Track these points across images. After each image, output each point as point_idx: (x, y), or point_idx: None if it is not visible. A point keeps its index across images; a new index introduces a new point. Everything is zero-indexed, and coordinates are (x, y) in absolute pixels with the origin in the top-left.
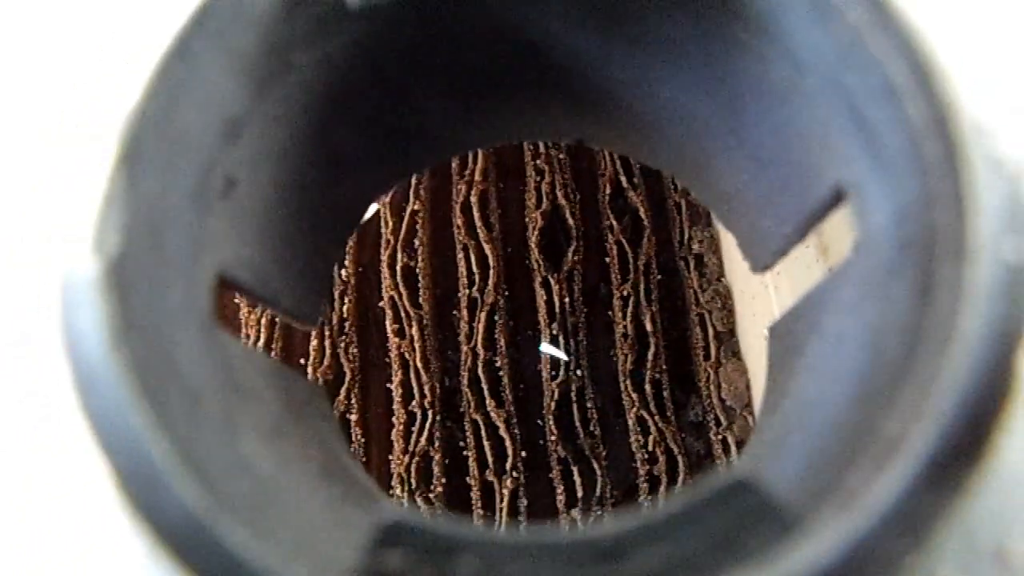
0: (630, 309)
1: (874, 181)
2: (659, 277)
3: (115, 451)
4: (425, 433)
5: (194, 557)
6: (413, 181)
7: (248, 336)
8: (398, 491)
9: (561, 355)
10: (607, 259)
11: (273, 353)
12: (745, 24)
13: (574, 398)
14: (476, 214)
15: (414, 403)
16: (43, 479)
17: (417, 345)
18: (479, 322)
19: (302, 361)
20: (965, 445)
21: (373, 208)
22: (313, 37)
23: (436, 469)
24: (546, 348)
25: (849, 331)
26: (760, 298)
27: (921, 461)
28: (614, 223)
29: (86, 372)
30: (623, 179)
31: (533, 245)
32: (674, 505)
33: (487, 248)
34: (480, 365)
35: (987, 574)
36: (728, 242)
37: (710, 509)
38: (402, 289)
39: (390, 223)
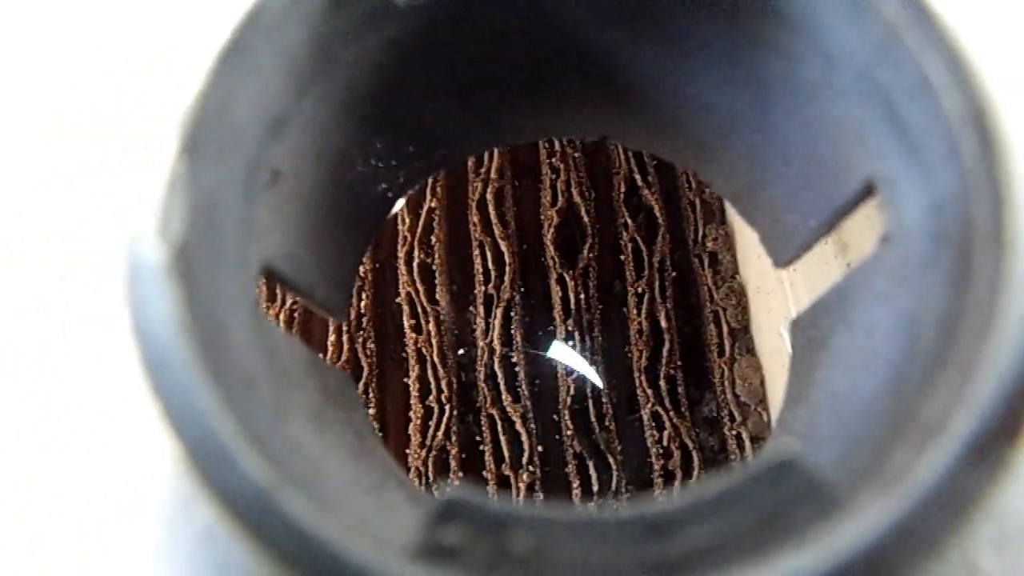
0: (645, 306)
1: (908, 175)
2: (673, 274)
3: (184, 429)
4: (442, 428)
5: (262, 529)
6: (430, 179)
7: None
8: (415, 484)
9: (584, 368)
10: (622, 256)
11: None
12: (778, 22)
13: (589, 394)
14: (492, 211)
15: (431, 398)
16: (43, 479)
17: (434, 341)
18: (495, 318)
19: (320, 356)
20: (1005, 427)
21: (399, 204)
22: (356, 33)
23: (453, 463)
24: (563, 356)
25: (880, 321)
26: (775, 295)
27: (963, 442)
28: (629, 221)
29: (156, 354)
30: (638, 177)
31: (548, 242)
32: (721, 484)
33: (503, 245)
34: (496, 361)
35: (1019, 555)
36: (742, 239)
37: (756, 488)
38: (419, 285)
39: (407, 220)
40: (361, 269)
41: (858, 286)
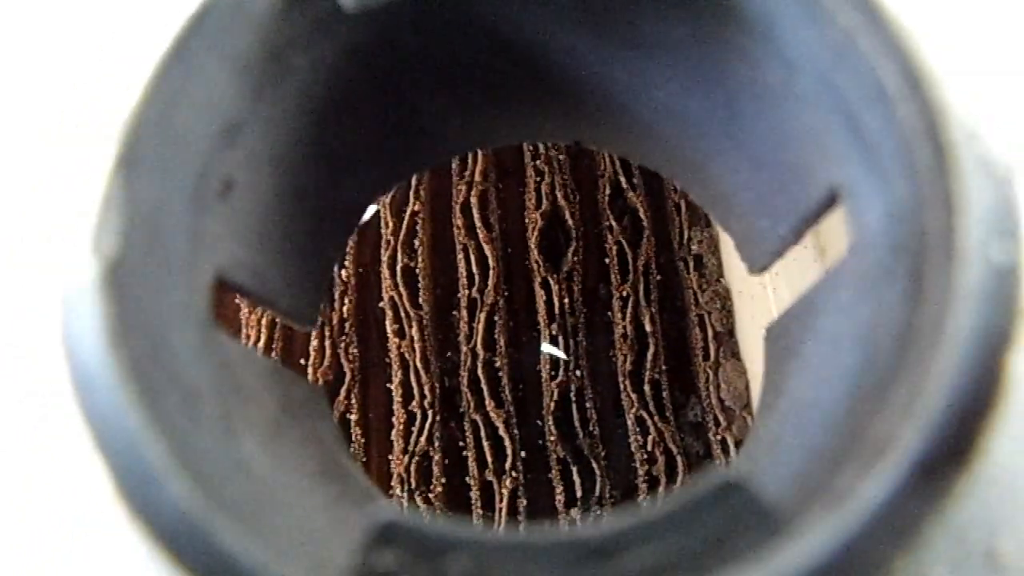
0: (629, 310)
1: (866, 183)
2: (658, 278)
3: (112, 452)
4: (425, 433)
5: (189, 557)
6: (413, 182)
7: (248, 336)
8: (398, 491)
9: (560, 354)
10: (607, 260)
11: (273, 353)
12: (739, 27)
13: (573, 398)
14: (476, 215)
15: (414, 403)
16: (43, 479)
17: (417, 345)
18: (479, 322)
19: (302, 361)
20: (953, 446)
21: (373, 209)
22: (310, 39)
23: (436, 469)
24: (545, 347)
25: (844, 332)
26: (759, 299)
27: (909, 462)
28: (614, 224)
29: (84, 373)
30: (623, 180)
31: (533, 246)
32: (665, 505)
33: (487, 249)
34: (480, 365)
35: (978, 575)
36: (727, 243)
37: (701, 509)
38: (402, 289)
39: (390, 224)
40: (343, 273)
41: (825, 295)
